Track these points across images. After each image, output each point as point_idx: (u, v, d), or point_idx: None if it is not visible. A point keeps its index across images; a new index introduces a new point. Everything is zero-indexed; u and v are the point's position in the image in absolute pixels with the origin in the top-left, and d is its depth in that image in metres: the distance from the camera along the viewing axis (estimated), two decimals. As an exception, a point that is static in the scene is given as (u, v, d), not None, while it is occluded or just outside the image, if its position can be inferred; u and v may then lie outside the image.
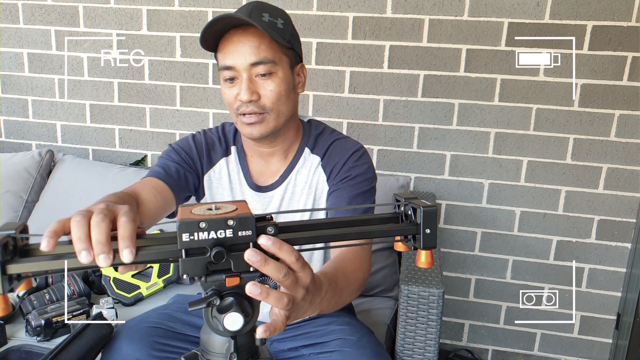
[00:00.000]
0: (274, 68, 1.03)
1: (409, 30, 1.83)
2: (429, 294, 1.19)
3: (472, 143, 1.88)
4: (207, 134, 1.19)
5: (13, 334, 1.36)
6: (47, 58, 2.10)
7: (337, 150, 1.15)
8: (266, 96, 1.03)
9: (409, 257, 1.37)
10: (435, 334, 1.23)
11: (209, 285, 0.67)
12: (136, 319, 1.23)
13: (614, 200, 1.84)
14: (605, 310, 1.93)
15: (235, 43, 1.01)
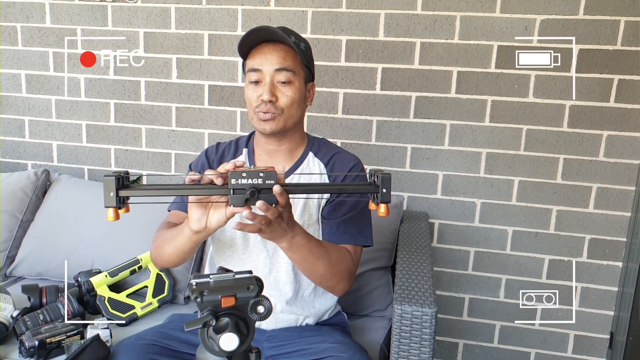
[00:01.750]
0: (293, 78, 1.24)
1: (401, 53, 1.87)
2: (422, 314, 1.21)
3: (464, 163, 1.91)
4: (219, 145, 1.40)
5: (6, 355, 1.35)
6: (44, 79, 2.12)
7: (340, 161, 1.35)
8: (282, 100, 1.23)
9: (402, 277, 1.39)
10: (428, 353, 1.24)
11: (205, 306, 0.69)
12: (132, 337, 1.25)
13: (604, 219, 1.87)
14: (599, 329, 1.94)
15: (265, 52, 1.23)
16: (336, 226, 1.28)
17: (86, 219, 1.82)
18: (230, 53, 1.97)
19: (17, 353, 1.35)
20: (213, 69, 2.00)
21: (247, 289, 0.71)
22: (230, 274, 0.75)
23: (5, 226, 1.85)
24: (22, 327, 1.40)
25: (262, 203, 0.93)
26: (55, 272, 1.79)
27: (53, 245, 1.80)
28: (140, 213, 1.69)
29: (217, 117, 2.04)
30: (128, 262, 1.67)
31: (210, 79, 2.01)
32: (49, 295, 1.56)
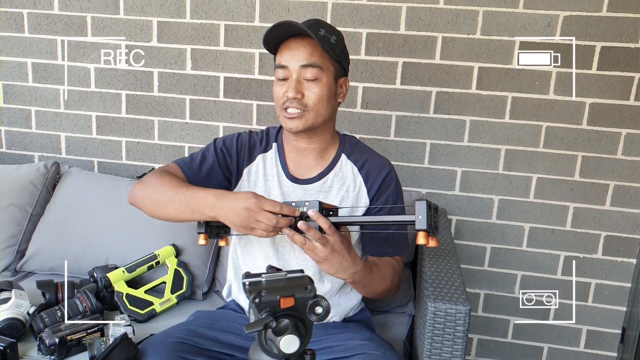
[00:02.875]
0: (321, 74, 1.18)
1: (422, 47, 1.82)
2: (456, 311, 1.17)
3: (483, 159, 1.87)
4: (252, 134, 1.35)
5: (24, 353, 1.28)
6: (52, 68, 2.03)
7: (375, 166, 1.30)
8: (309, 97, 1.18)
9: (432, 274, 1.35)
10: (461, 350, 1.20)
11: (264, 307, 0.65)
12: (160, 334, 1.19)
13: (620, 216, 1.85)
14: (611, 324, 1.93)
15: (292, 48, 1.18)
16: (382, 241, 1.26)
17: (100, 213, 1.74)
18: (247, 44, 1.90)
19: (36, 350, 1.28)
20: (229, 61, 1.92)
21: (305, 289, 0.69)
22: (283, 273, 0.73)
23: (15, 220, 1.76)
24: (40, 324, 1.33)
25: (302, 223, 1.02)
26: (68, 268, 1.69)
27: (66, 239, 1.72)
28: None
29: (233, 110, 1.96)
30: (145, 257, 1.60)
31: (226, 70, 1.93)
32: (64, 291, 1.48)
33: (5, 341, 1.20)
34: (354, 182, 1.29)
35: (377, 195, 1.28)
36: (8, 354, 1.20)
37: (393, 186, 1.30)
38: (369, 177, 1.29)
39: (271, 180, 1.30)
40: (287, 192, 1.29)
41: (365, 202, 1.28)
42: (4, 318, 1.29)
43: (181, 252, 1.66)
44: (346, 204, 1.28)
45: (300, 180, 1.29)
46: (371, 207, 1.28)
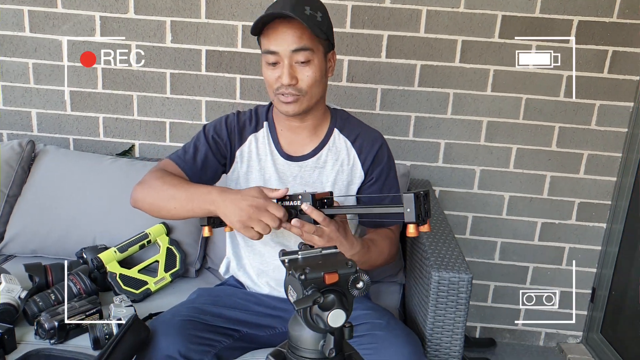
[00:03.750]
0: (312, 56, 1.15)
1: (407, 21, 1.82)
2: (459, 279, 1.21)
3: (466, 131, 1.91)
4: (240, 115, 1.32)
5: (21, 338, 1.23)
6: (19, 40, 1.90)
7: (367, 139, 1.30)
8: (303, 81, 1.15)
9: (431, 245, 1.38)
10: (463, 317, 1.25)
11: (309, 283, 0.65)
12: (167, 313, 1.18)
13: (592, 184, 1.94)
14: (582, 285, 2.04)
15: (279, 32, 1.13)
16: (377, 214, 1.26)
17: (83, 193, 1.67)
18: (229, 16, 1.84)
19: (33, 335, 1.24)
20: (211, 33, 1.86)
21: (347, 265, 0.68)
22: (318, 250, 0.74)
23: (-9, 201, 1.68)
24: (35, 308, 1.28)
25: (296, 220, 1.02)
26: (52, 249, 1.64)
27: (48, 221, 1.64)
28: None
29: (216, 84, 1.91)
30: (136, 236, 1.55)
31: (208, 43, 1.87)
32: (54, 273, 1.43)
33: (1, 327, 1.15)
34: (347, 156, 1.29)
35: (370, 168, 1.29)
36: (6, 340, 1.15)
37: (386, 158, 1.31)
38: (362, 150, 1.29)
39: (265, 160, 1.29)
40: (281, 170, 1.28)
41: (360, 175, 1.29)
42: (-5, 303, 1.24)
43: (172, 230, 1.62)
44: (341, 178, 1.28)
45: (295, 158, 1.29)
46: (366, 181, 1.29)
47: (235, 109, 1.91)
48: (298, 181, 1.27)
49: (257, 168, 1.28)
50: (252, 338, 1.22)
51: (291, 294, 0.68)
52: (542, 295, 2.04)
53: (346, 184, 1.28)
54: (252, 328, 1.23)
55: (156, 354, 1.05)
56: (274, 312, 1.28)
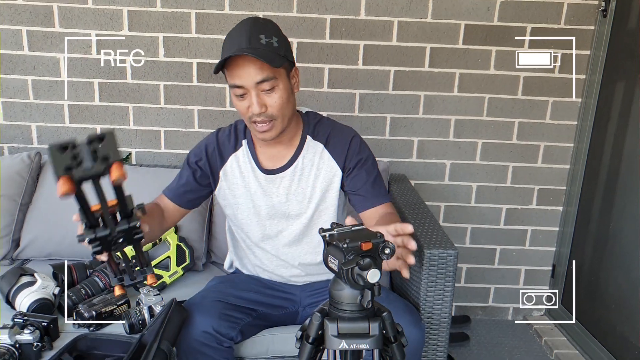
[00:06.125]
0: (276, 82, 1.28)
1: (381, 31, 2.13)
2: (447, 255, 1.52)
3: (436, 129, 2.25)
4: (219, 134, 1.49)
5: (60, 328, 1.50)
6: (18, 59, 2.13)
7: (338, 137, 1.45)
8: (272, 106, 1.29)
9: (418, 227, 1.68)
10: (451, 287, 1.54)
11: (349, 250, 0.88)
12: (197, 297, 1.47)
13: (549, 172, 2.30)
14: (543, 263, 2.42)
15: (241, 67, 1.26)
16: (371, 191, 1.43)
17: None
18: (217, 31, 2.12)
19: (71, 325, 1.51)
20: (201, 47, 2.14)
21: (376, 236, 0.90)
22: (349, 227, 0.95)
23: (7, 211, 1.91)
24: (68, 301, 1.55)
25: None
26: (66, 252, 1.89)
27: (61, 226, 1.89)
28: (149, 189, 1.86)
29: (207, 93, 2.19)
30: (148, 236, 1.83)
31: (199, 56, 2.15)
32: (78, 272, 1.69)
33: (47, 318, 1.42)
34: (321, 158, 1.43)
35: (346, 161, 1.43)
36: (51, 328, 1.42)
37: (358, 148, 1.44)
38: (335, 149, 1.43)
39: (248, 176, 1.46)
40: (264, 184, 1.46)
41: (338, 172, 1.44)
42: (35, 299, 1.50)
43: (179, 228, 1.91)
44: (320, 180, 1.45)
45: (274, 171, 1.45)
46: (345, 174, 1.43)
47: (225, 116, 2.20)
48: (282, 191, 1.46)
49: (242, 185, 1.47)
50: (266, 316, 1.51)
51: (332, 261, 0.91)
52: (510, 274, 2.42)
53: (326, 185, 1.45)
54: (267, 308, 1.51)
55: (194, 329, 1.33)
56: (284, 295, 1.56)
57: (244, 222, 1.52)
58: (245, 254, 1.61)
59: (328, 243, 0.94)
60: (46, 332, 1.41)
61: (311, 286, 1.58)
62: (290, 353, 1.55)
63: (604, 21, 2.12)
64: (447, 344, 1.67)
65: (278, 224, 1.50)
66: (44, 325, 1.40)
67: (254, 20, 1.31)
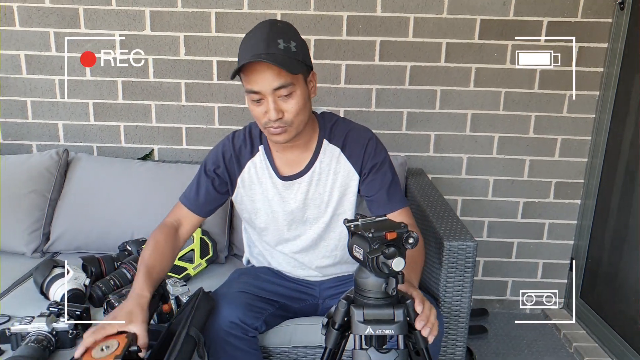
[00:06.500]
0: (293, 88, 1.26)
1: (397, 27, 2.18)
2: (466, 246, 1.56)
3: (452, 123, 2.29)
4: (235, 140, 1.48)
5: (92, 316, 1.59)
6: (46, 59, 2.23)
7: (355, 140, 1.44)
8: (289, 112, 1.28)
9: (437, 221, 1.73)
10: (470, 278, 1.59)
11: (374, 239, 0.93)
12: (223, 287, 1.54)
13: (566, 165, 2.33)
14: (561, 256, 2.44)
15: (259, 72, 1.23)
16: (385, 198, 1.43)
17: (119, 194, 2.01)
18: (237, 30, 2.18)
19: (102, 314, 1.59)
20: (221, 45, 2.21)
21: (400, 226, 0.94)
22: (372, 217, 1.00)
23: (37, 205, 2.00)
24: (99, 292, 1.63)
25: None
26: (94, 245, 1.99)
27: (89, 220, 1.99)
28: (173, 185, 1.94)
29: (227, 91, 2.26)
30: (172, 229, 1.91)
31: (219, 55, 2.22)
32: (106, 264, 1.78)
33: (80, 307, 1.50)
34: (338, 163, 1.44)
35: (363, 164, 1.44)
36: (84, 317, 1.50)
37: (375, 151, 1.44)
38: (352, 153, 1.43)
39: (265, 183, 1.46)
40: (282, 191, 1.47)
41: (355, 177, 1.45)
42: (68, 289, 1.58)
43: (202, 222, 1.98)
44: (337, 185, 1.45)
45: (291, 177, 1.45)
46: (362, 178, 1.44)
47: (245, 113, 2.27)
48: (299, 197, 1.46)
49: (260, 191, 1.47)
50: (287, 308, 1.56)
51: (357, 251, 0.96)
52: (527, 267, 2.45)
53: (343, 190, 1.46)
54: (287, 300, 1.56)
55: (221, 319, 1.38)
56: (303, 289, 1.60)
57: (262, 227, 1.54)
58: (263, 255, 1.64)
59: (353, 233, 0.98)
60: (80, 320, 1.49)
61: (329, 281, 1.62)
62: (311, 343, 1.60)
63: (622, 14, 2.14)
64: (466, 336, 1.71)
65: (296, 229, 1.53)
66: (78, 314, 1.48)
67: (272, 23, 1.28)
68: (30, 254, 1.98)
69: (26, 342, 1.31)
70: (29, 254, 1.98)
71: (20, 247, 1.97)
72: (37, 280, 1.64)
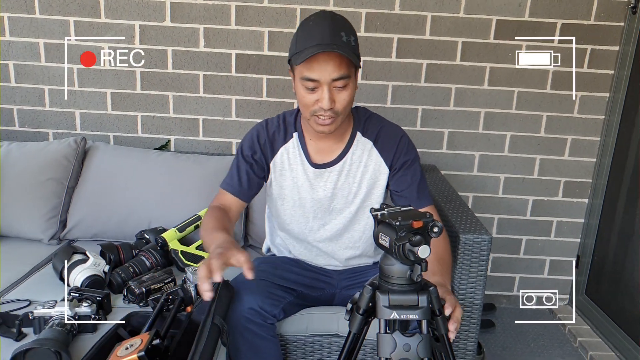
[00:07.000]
0: (349, 81, 1.26)
1: (414, 25, 2.13)
2: (481, 240, 1.52)
3: (466, 121, 2.24)
4: (269, 126, 1.46)
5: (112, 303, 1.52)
6: (65, 48, 2.16)
7: (387, 135, 1.44)
8: (340, 103, 1.27)
9: (452, 216, 1.69)
10: (484, 271, 1.55)
11: (402, 228, 0.91)
12: (240, 276, 1.47)
13: (575, 164, 2.29)
14: (568, 253, 2.40)
15: (321, 62, 1.21)
16: (415, 194, 1.42)
17: (137, 182, 1.94)
18: (256, 23, 2.12)
19: (122, 300, 1.53)
20: (240, 39, 2.14)
21: (425, 216, 0.92)
22: (397, 207, 0.98)
23: (54, 193, 1.93)
24: (119, 279, 1.57)
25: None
26: (112, 233, 1.91)
27: (106, 208, 1.92)
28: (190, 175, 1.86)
29: (244, 84, 2.20)
30: (191, 218, 1.83)
31: (238, 47, 2.15)
32: (124, 252, 1.71)
33: (101, 293, 1.44)
34: (370, 156, 1.43)
35: (394, 160, 1.43)
36: (105, 303, 1.43)
37: (407, 148, 1.45)
38: (384, 147, 1.42)
39: (296, 169, 1.44)
40: (312, 178, 1.44)
41: (385, 171, 1.44)
42: (88, 275, 1.52)
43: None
44: (366, 177, 1.44)
45: (323, 165, 1.43)
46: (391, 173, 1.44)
47: (262, 106, 2.21)
48: (329, 186, 1.44)
49: (290, 177, 1.45)
50: (305, 296, 1.52)
51: (383, 239, 0.93)
52: (535, 264, 2.41)
53: (372, 183, 1.44)
54: (306, 288, 1.51)
55: (242, 307, 1.34)
56: (322, 278, 1.56)
57: (287, 213, 1.50)
58: (284, 245, 1.60)
59: (379, 222, 0.97)
60: (100, 306, 1.43)
61: (347, 272, 1.58)
62: (327, 332, 1.56)
63: (634, 18, 2.10)
64: (478, 329, 1.67)
65: (322, 218, 1.50)
66: (99, 300, 1.42)
67: (332, 15, 1.27)
68: (47, 240, 1.91)
69: (50, 325, 1.24)
70: (46, 240, 1.91)
71: (38, 234, 1.90)
72: (57, 266, 1.58)
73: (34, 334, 1.30)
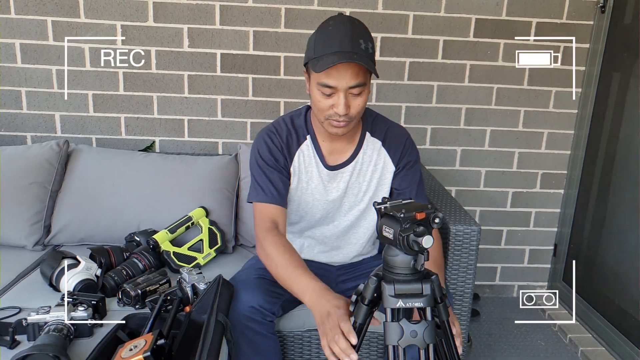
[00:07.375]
0: (364, 88, 1.24)
1: (397, 24, 2.11)
2: (471, 230, 1.52)
3: (448, 117, 2.24)
4: (279, 131, 1.40)
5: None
6: (43, 49, 2.04)
7: (395, 135, 1.45)
8: (355, 109, 1.25)
9: (442, 207, 1.68)
10: (474, 261, 1.56)
11: (405, 219, 0.91)
12: (242, 274, 1.43)
13: (551, 157, 2.32)
14: (546, 242, 2.43)
15: (340, 70, 1.19)
16: (414, 194, 1.42)
17: (124, 185, 1.85)
18: (241, 23, 2.06)
19: (116, 303, 1.44)
20: (225, 38, 2.08)
21: (427, 207, 0.93)
22: (399, 200, 0.98)
23: (37, 197, 1.81)
24: (111, 282, 1.48)
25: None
26: (100, 237, 1.81)
27: (94, 212, 1.82)
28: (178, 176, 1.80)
29: (230, 83, 2.13)
30: (182, 219, 1.76)
31: (223, 47, 2.09)
32: (115, 255, 1.62)
33: (96, 296, 1.35)
34: (378, 155, 1.43)
35: (400, 159, 1.43)
36: (100, 306, 1.35)
37: (411, 149, 1.46)
38: (392, 146, 1.43)
39: (311, 171, 1.42)
40: (325, 179, 1.42)
41: (392, 169, 1.44)
42: (80, 280, 1.43)
43: (209, 212, 1.85)
44: (375, 176, 1.43)
45: (336, 167, 1.42)
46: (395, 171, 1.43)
47: (248, 106, 2.15)
48: (341, 186, 1.43)
49: (305, 179, 1.42)
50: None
51: (387, 231, 0.93)
52: (515, 254, 2.43)
53: (380, 180, 1.44)
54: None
55: (242, 304, 1.29)
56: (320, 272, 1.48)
57: (294, 213, 1.47)
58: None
59: (382, 214, 0.96)
60: (96, 309, 1.35)
61: (345, 267, 1.56)
62: (324, 327, 1.52)
63: (603, 17, 2.15)
64: (469, 318, 1.67)
65: (330, 217, 1.47)
66: (94, 304, 1.33)
67: (350, 20, 1.24)
68: (32, 246, 1.79)
69: (46, 331, 1.16)
70: (30, 246, 1.79)
71: (21, 240, 1.78)
72: (46, 272, 1.48)
73: (27, 341, 1.21)
